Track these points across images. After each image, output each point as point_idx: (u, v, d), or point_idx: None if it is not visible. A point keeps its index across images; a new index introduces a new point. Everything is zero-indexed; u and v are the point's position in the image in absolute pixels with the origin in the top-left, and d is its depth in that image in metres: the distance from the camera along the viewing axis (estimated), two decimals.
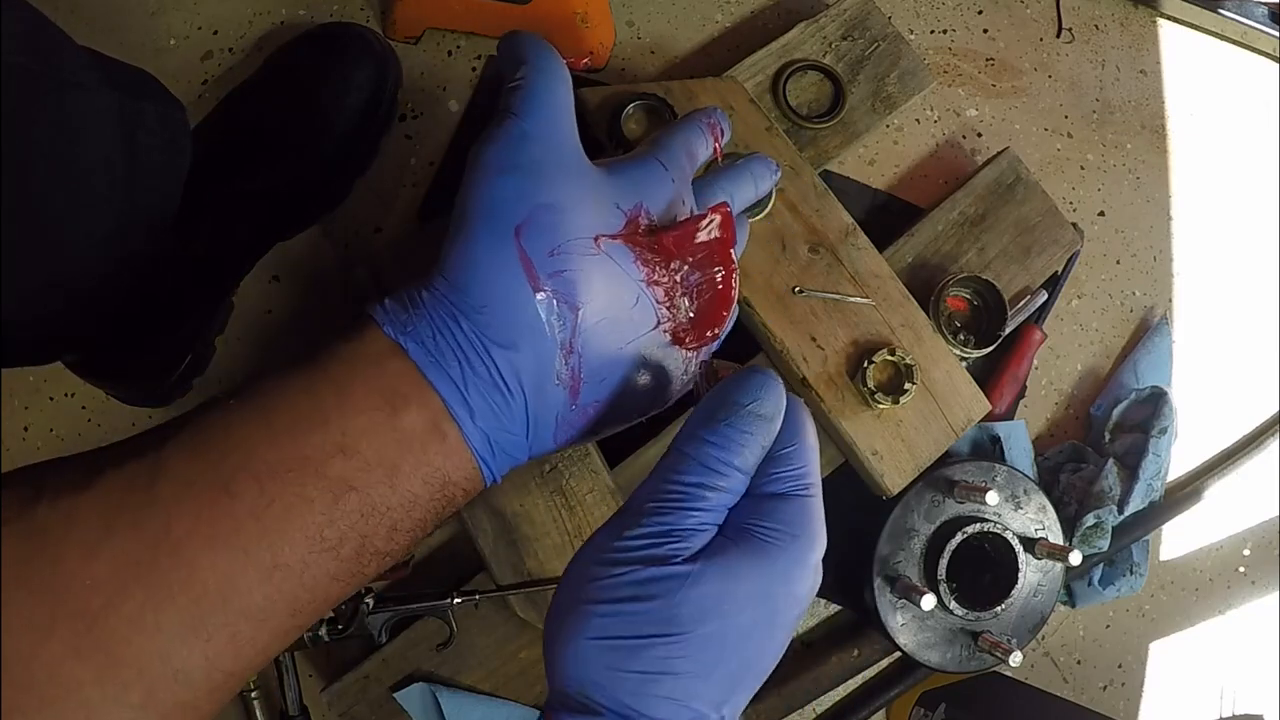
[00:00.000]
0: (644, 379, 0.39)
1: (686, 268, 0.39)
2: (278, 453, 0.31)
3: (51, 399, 0.76)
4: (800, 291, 0.66)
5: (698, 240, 0.39)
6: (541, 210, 0.35)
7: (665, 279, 0.39)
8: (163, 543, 0.29)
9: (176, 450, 0.31)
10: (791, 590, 0.33)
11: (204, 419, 0.32)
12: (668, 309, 0.39)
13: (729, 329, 0.42)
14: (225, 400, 0.33)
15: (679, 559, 0.32)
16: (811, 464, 0.35)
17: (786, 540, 0.33)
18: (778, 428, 0.35)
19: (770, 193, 0.67)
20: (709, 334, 0.40)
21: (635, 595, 0.31)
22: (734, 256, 0.40)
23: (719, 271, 0.40)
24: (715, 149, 0.46)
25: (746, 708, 0.70)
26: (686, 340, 0.40)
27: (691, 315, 0.40)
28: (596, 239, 0.37)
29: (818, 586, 0.35)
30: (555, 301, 0.35)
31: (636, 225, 0.38)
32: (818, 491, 0.35)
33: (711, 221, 0.39)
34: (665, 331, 0.39)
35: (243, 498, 0.30)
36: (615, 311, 0.37)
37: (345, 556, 0.32)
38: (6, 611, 0.27)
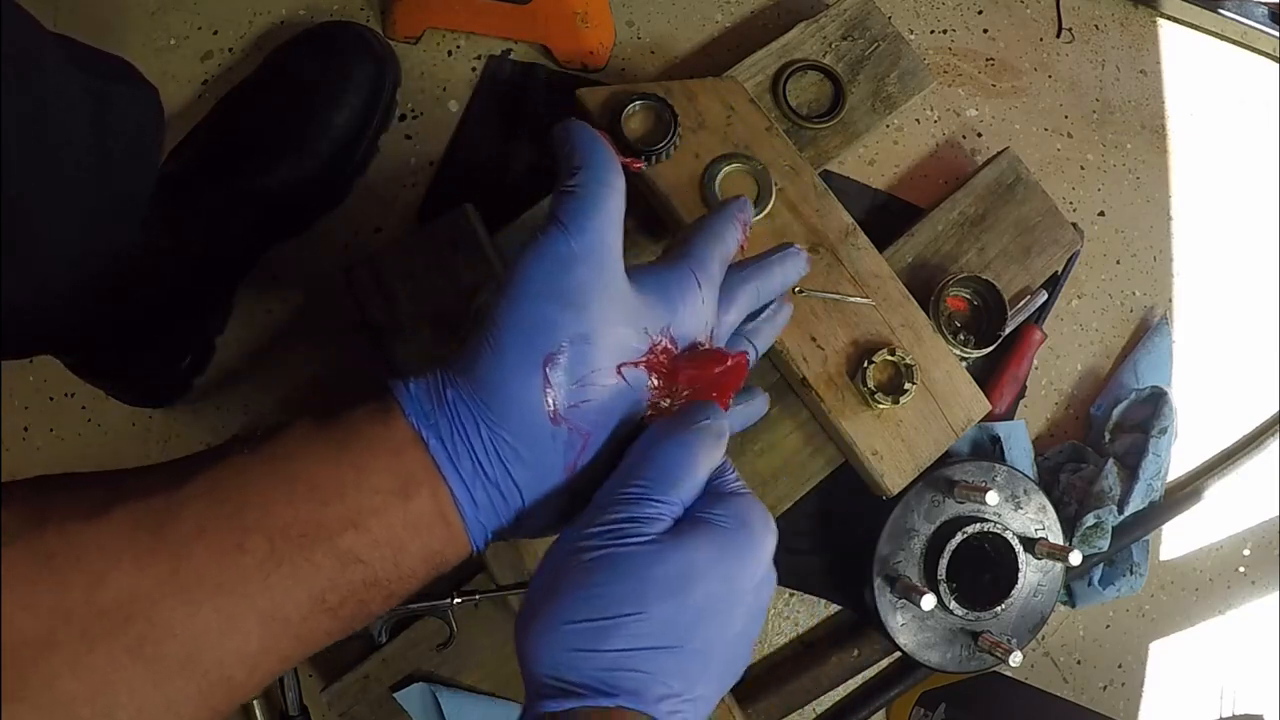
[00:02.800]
0: None
1: (694, 390, 0.42)
2: (294, 518, 0.33)
3: (51, 399, 0.76)
4: (800, 291, 0.66)
5: (713, 372, 0.42)
6: (574, 341, 0.36)
7: (669, 399, 0.41)
8: (169, 583, 0.30)
9: (192, 497, 0.32)
10: (746, 573, 0.36)
11: (221, 469, 0.33)
12: (658, 409, 0.41)
13: None
14: (242, 449, 0.34)
15: (643, 540, 0.34)
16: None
17: (738, 526, 0.36)
18: (726, 442, 0.38)
19: (770, 192, 0.67)
20: None
21: (604, 577, 0.33)
22: (734, 392, 0.43)
23: (714, 398, 0.42)
24: (742, 243, 0.47)
25: (747, 708, 0.70)
26: None
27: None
28: (619, 368, 0.38)
29: (773, 585, 0.39)
30: (569, 431, 0.37)
31: (658, 351, 0.40)
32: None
33: (728, 368, 0.42)
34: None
35: (254, 554, 0.32)
36: (618, 427, 0.39)
37: (342, 617, 0.34)
38: (8, 627, 0.28)
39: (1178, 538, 0.81)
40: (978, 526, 0.66)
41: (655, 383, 0.40)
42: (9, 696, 0.28)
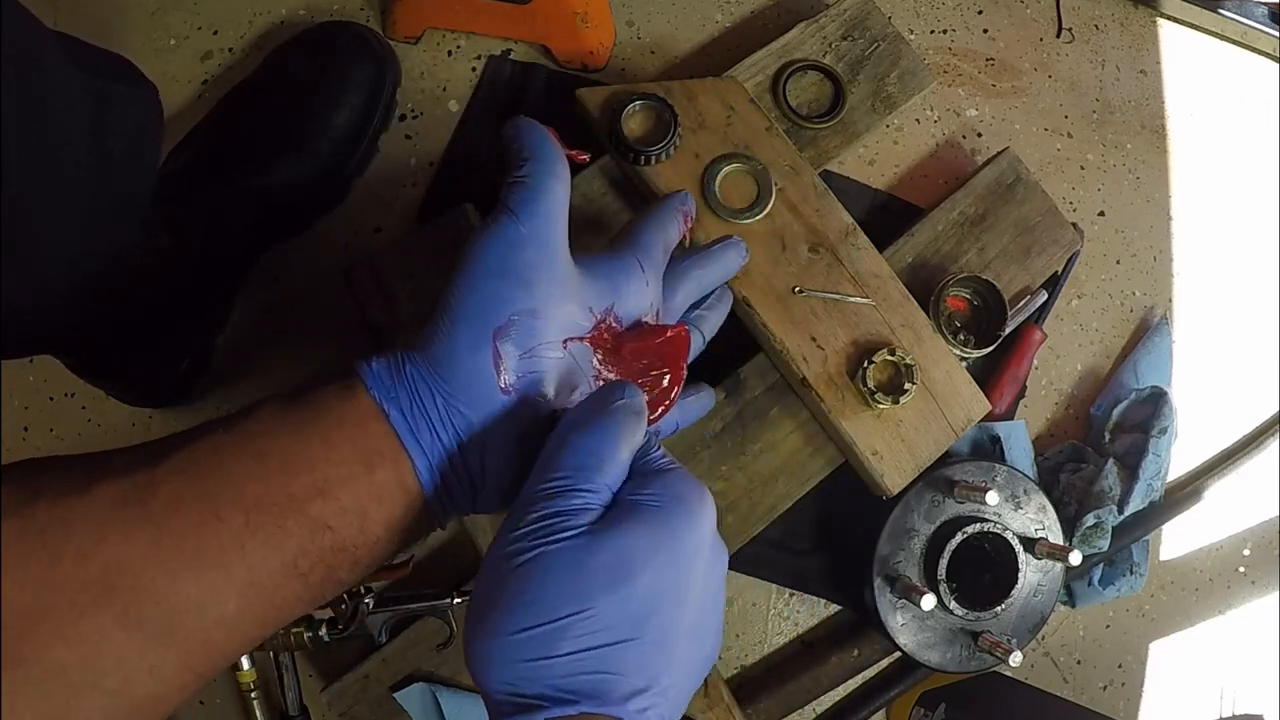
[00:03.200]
0: None
1: (641, 365, 0.44)
2: (266, 489, 0.34)
3: (51, 399, 0.76)
4: (800, 291, 0.66)
5: (654, 343, 0.44)
6: (522, 315, 0.39)
7: (615, 375, 0.43)
8: (152, 554, 0.32)
9: (170, 473, 0.34)
10: (689, 548, 0.35)
11: (198, 445, 0.35)
12: None
13: (662, 420, 0.46)
14: (217, 428, 0.36)
15: (573, 533, 0.33)
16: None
17: (672, 502, 0.35)
18: (645, 420, 0.38)
19: (770, 192, 0.67)
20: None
21: (540, 579, 0.33)
22: (683, 365, 0.45)
23: (666, 374, 0.44)
24: (684, 235, 0.50)
25: (747, 708, 0.70)
26: None
27: None
28: (565, 342, 0.41)
29: (724, 559, 0.38)
30: (518, 398, 0.39)
31: (603, 329, 0.43)
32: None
33: (668, 339, 0.44)
34: None
35: (229, 523, 0.33)
36: (566, 402, 0.41)
37: (312, 582, 0.36)
38: (3, 599, 0.29)
39: (1178, 538, 0.81)
40: (978, 526, 0.66)
41: (599, 357, 0.42)
42: (4, 664, 0.29)
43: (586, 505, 0.35)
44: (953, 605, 0.66)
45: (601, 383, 0.43)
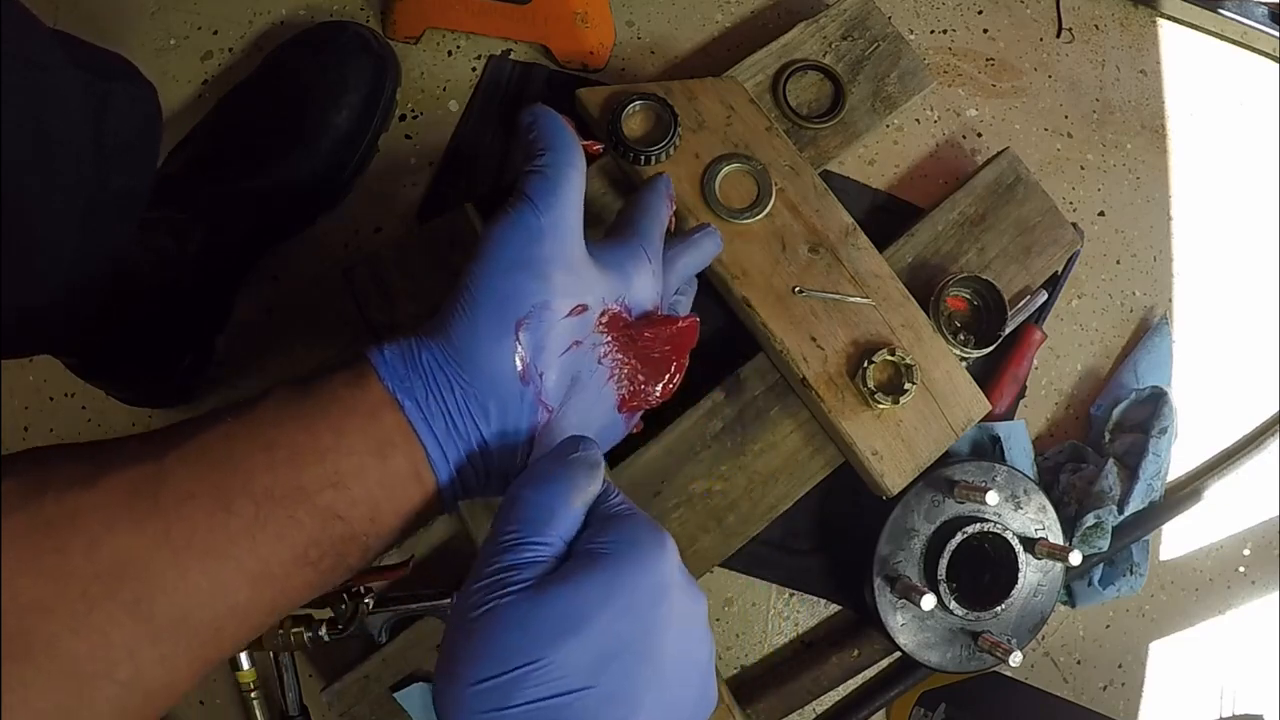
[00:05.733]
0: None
1: (654, 355, 0.45)
2: (276, 480, 0.34)
3: (51, 399, 0.76)
4: (800, 291, 0.66)
5: (667, 332, 0.45)
6: (540, 307, 0.39)
7: (629, 364, 0.44)
8: (162, 545, 0.32)
9: (179, 463, 0.33)
10: (646, 591, 0.34)
11: (207, 435, 0.35)
12: (626, 389, 0.45)
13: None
14: (225, 417, 0.36)
15: (521, 586, 0.33)
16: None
17: (625, 547, 0.34)
18: (601, 470, 0.38)
19: (770, 192, 0.67)
20: (650, 401, 0.46)
21: (491, 631, 0.32)
22: (687, 354, 0.47)
23: (673, 363, 0.46)
24: (670, 218, 0.52)
25: (747, 708, 0.70)
26: (624, 406, 0.46)
27: (640, 388, 0.45)
28: (579, 335, 0.42)
29: (698, 597, 0.37)
30: (537, 392, 0.40)
31: (617, 319, 0.44)
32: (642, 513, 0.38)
33: (680, 329, 0.46)
34: (616, 406, 0.45)
35: (240, 515, 0.33)
36: (583, 396, 0.42)
37: (323, 569, 0.36)
38: (12, 591, 0.29)
39: (1178, 538, 0.81)
40: (978, 526, 0.66)
41: (614, 348, 0.43)
42: (14, 657, 0.29)
43: (536, 558, 0.34)
44: (953, 605, 0.66)
45: (616, 372, 0.44)
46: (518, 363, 0.39)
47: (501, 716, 0.31)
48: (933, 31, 0.87)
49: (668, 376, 0.46)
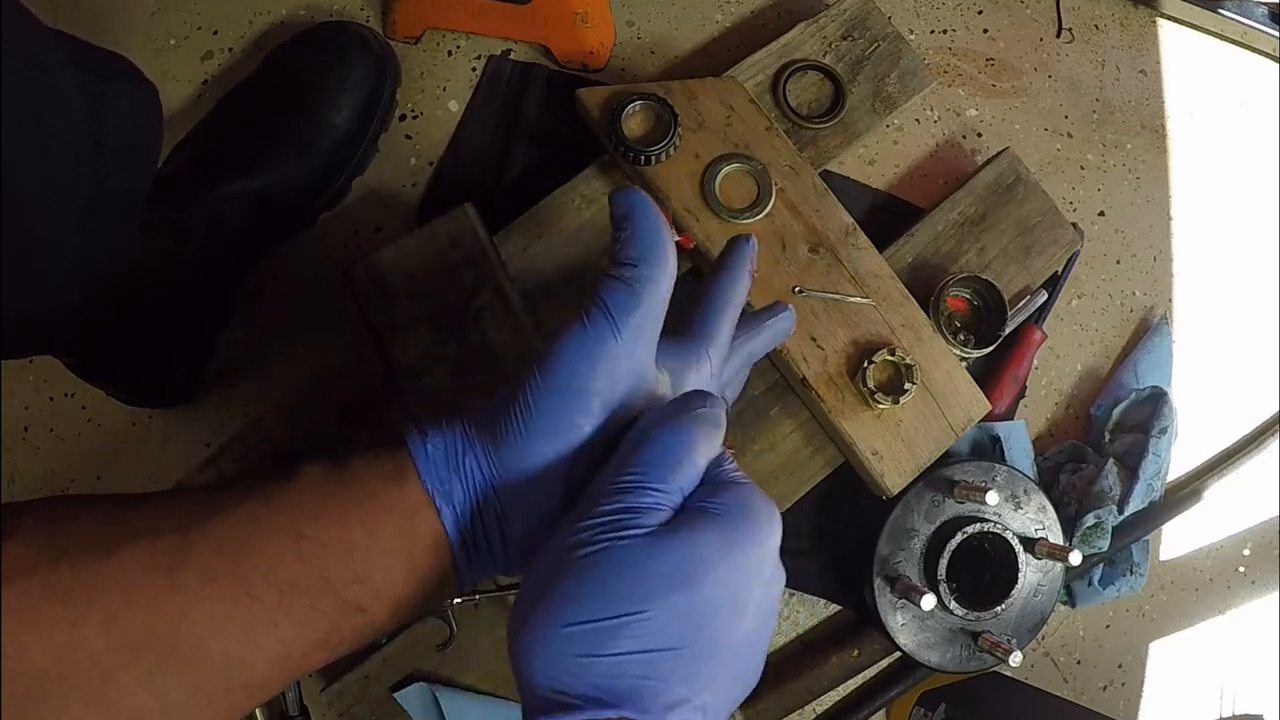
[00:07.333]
0: None
1: None
2: (303, 571, 0.33)
3: (51, 399, 0.76)
4: (800, 291, 0.66)
5: None
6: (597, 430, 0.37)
7: None
8: (180, 623, 0.31)
9: (203, 540, 0.33)
10: (753, 564, 0.33)
11: (234, 516, 0.34)
12: None
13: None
14: (254, 495, 0.35)
15: (641, 532, 0.32)
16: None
17: (740, 515, 0.34)
18: (723, 432, 0.37)
19: (770, 192, 0.67)
20: None
21: (603, 574, 0.31)
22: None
23: None
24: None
25: (747, 708, 0.70)
26: None
27: None
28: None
29: (782, 581, 0.36)
30: (570, 498, 0.38)
31: None
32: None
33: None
34: None
35: (263, 602, 0.33)
36: None
37: (339, 651, 0.36)
38: (23, 660, 0.29)
39: (1178, 538, 0.81)
40: (978, 526, 0.66)
41: None
42: None
43: (658, 505, 0.33)
44: (953, 605, 0.66)
45: None
46: (563, 486, 0.37)
47: (591, 664, 0.30)
48: (933, 31, 0.87)
49: None
